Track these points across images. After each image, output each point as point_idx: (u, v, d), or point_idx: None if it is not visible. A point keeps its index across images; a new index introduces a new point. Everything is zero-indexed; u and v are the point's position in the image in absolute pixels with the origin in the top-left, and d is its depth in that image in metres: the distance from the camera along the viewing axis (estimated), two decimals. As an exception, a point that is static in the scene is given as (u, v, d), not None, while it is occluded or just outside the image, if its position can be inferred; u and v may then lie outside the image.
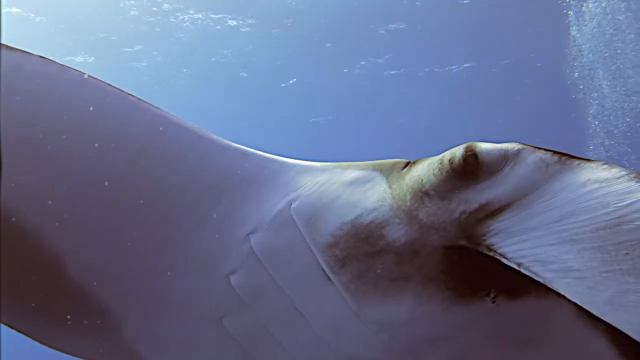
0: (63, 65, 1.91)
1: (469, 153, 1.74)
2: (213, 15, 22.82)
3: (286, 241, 1.99)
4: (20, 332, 2.17)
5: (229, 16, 22.91)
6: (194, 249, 2.10)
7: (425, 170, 1.84)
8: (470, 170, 1.74)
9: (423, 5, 22.06)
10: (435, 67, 26.73)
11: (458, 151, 1.77)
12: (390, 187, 1.90)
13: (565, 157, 1.68)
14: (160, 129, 2.01)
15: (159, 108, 2.00)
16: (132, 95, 1.98)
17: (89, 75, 1.95)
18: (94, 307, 2.16)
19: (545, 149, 1.72)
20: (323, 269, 1.92)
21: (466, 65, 26.22)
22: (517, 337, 1.83)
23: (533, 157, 1.70)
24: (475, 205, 1.73)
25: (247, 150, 2.09)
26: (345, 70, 27.06)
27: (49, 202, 2.01)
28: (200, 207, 2.07)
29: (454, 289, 1.78)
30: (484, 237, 1.69)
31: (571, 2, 19.23)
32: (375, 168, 1.99)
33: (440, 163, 1.80)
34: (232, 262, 2.07)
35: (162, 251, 2.10)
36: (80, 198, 2.02)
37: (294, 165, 2.10)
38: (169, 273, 2.13)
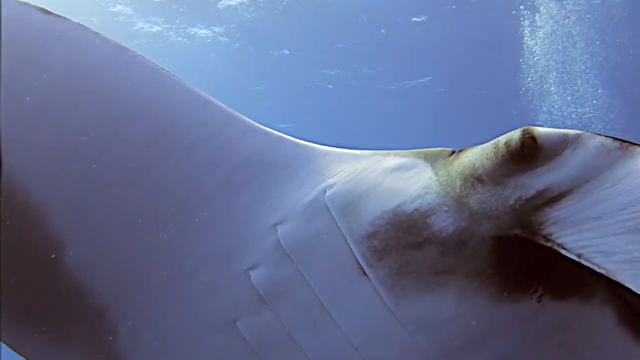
0: (98, 32, 1.87)
1: (526, 136, 1.64)
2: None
3: (318, 232, 1.85)
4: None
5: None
6: (211, 240, 1.94)
7: (478, 154, 1.73)
8: (528, 153, 1.64)
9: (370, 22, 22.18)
10: (398, 82, 26.96)
11: (515, 134, 1.67)
12: (436, 174, 1.78)
13: (627, 144, 1.60)
14: (189, 103, 1.91)
15: (188, 84, 1.92)
16: (163, 68, 1.92)
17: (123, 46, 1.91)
18: (87, 306, 1.97)
19: (604, 135, 1.63)
20: (358, 262, 1.78)
21: (423, 80, 26.57)
22: (557, 341, 1.74)
23: (594, 142, 1.61)
24: (532, 192, 1.63)
25: (278, 134, 1.96)
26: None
27: (61, 176, 1.89)
28: (223, 193, 1.92)
29: (500, 284, 1.66)
30: (541, 226, 1.59)
31: (524, 11, 19.70)
32: (418, 155, 1.87)
33: (495, 147, 1.69)
34: (254, 256, 1.92)
35: (173, 242, 1.94)
36: (93, 172, 1.90)
37: (328, 152, 1.98)
38: (177, 268, 1.95)
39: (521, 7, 19.61)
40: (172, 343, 1.99)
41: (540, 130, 1.65)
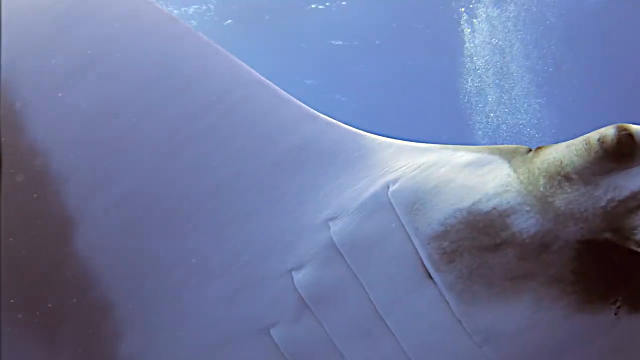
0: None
1: (623, 133, 1.53)
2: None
3: (379, 230, 1.67)
4: None
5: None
6: (249, 234, 1.74)
7: (565, 151, 1.60)
8: (624, 151, 1.52)
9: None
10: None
11: (608, 130, 1.55)
12: (515, 171, 1.65)
13: None
14: (240, 80, 1.79)
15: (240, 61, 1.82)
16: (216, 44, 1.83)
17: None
18: (90, 301, 1.74)
19: None
20: (424, 265, 1.62)
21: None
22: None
23: None
24: (626, 193, 1.51)
25: (333, 122, 1.80)
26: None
27: (87, 143, 1.76)
28: (268, 181, 1.74)
29: (582, 293, 1.53)
30: (635, 231, 1.48)
31: (464, 15, 20.14)
32: (492, 151, 1.73)
33: (587, 143, 1.57)
34: (299, 255, 1.72)
35: (203, 232, 1.74)
36: (125, 143, 1.76)
37: (390, 144, 1.82)
38: (204, 264, 1.74)
39: (462, 9, 20.02)
40: (187, 352, 1.76)
41: (637, 128, 1.54)
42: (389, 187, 1.70)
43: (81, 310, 1.74)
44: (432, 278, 1.60)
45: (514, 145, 1.74)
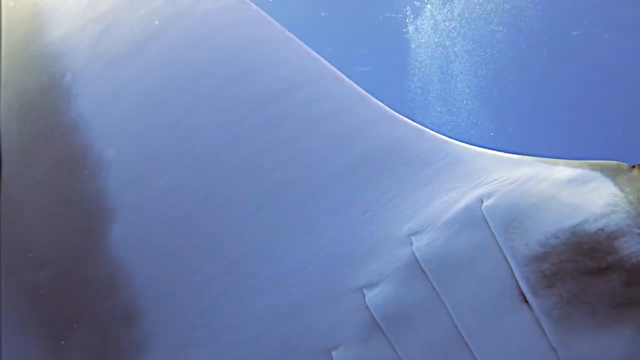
0: None
1: None
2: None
3: (470, 248, 1.52)
4: None
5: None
6: (316, 244, 1.57)
7: None
8: None
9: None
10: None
11: None
12: (621, 190, 1.53)
13: None
14: (314, 72, 1.65)
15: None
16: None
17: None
18: (116, 304, 1.56)
19: None
20: (519, 288, 1.48)
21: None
22: None
23: None
24: None
25: (417, 125, 1.65)
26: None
27: (134, 126, 1.61)
28: (340, 186, 1.58)
29: None
30: None
31: (409, 14, 20.34)
32: (593, 167, 1.61)
33: None
34: (375, 270, 1.56)
35: (259, 238, 1.57)
36: (177, 129, 1.61)
37: (482, 153, 1.67)
38: (257, 273, 1.57)
39: (407, 7, 20.17)
40: None
41: None
42: (482, 202, 1.55)
43: (103, 313, 1.55)
44: (527, 302, 1.47)
45: (615, 162, 1.62)
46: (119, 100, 1.63)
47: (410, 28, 20.39)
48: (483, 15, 19.53)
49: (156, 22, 1.64)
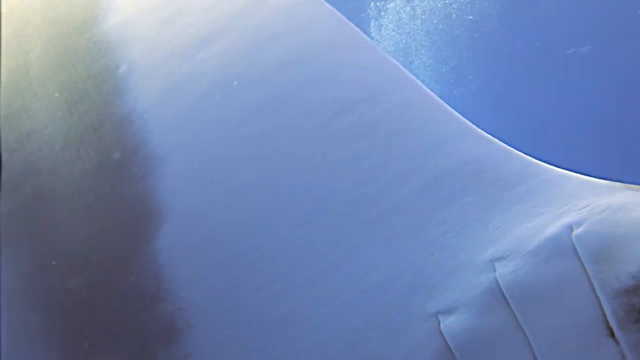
0: None
1: None
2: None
3: (556, 279, 1.45)
4: None
5: None
6: (386, 262, 1.46)
7: None
8: None
9: None
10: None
11: None
12: None
13: None
14: (395, 80, 1.56)
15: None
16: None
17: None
18: (157, 316, 1.42)
19: None
20: (606, 321, 1.41)
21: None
22: None
23: None
24: None
25: (501, 144, 1.57)
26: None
27: (195, 122, 1.49)
28: (425, 205, 1.48)
29: None
30: None
31: (373, 10, 20.36)
32: None
33: None
34: (452, 296, 1.47)
35: (325, 253, 1.45)
36: (242, 127, 1.49)
37: (569, 177, 1.59)
38: (319, 290, 1.45)
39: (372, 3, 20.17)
40: None
41: None
42: (572, 230, 1.48)
43: (140, 327, 1.42)
44: (613, 336, 1.41)
45: None
46: (179, 95, 1.49)
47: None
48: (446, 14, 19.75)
49: (226, 12, 1.50)
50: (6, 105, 1.61)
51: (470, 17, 19.75)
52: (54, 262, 1.48)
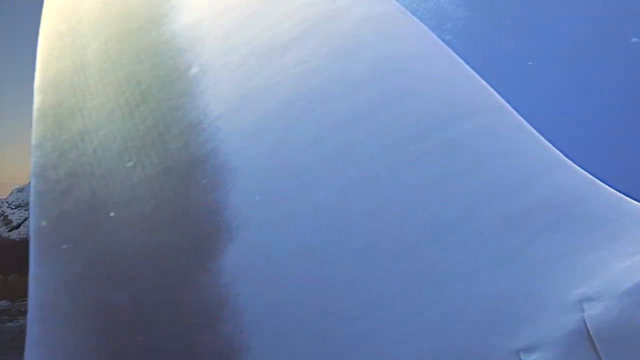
0: None
1: None
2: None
3: None
4: None
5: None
6: (473, 297, 1.37)
7: None
8: None
9: None
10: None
11: None
12: None
13: None
14: (485, 102, 1.49)
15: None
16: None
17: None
18: (218, 340, 1.31)
19: None
20: None
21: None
22: None
23: None
24: None
25: (594, 179, 1.48)
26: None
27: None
28: (509, 236, 1.38)
29: None
30: None
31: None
32: None
33: None
34: (534, 334, 1.37)
35: (403, 281, 1.36)
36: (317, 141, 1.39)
37: None
38: (404, 322, 1.35)
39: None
40: None
41: None
42: None
43: (196, 348, 1.32)
44: None
45: None
46: (255, 102, 1.40)
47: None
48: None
49: (309, 18, 1.42)
50: (57, 103, 1.50)
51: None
52: (101, 274, 1.37)
